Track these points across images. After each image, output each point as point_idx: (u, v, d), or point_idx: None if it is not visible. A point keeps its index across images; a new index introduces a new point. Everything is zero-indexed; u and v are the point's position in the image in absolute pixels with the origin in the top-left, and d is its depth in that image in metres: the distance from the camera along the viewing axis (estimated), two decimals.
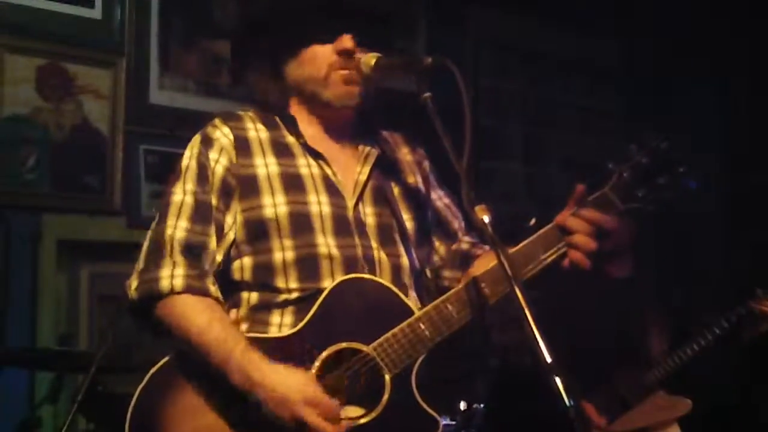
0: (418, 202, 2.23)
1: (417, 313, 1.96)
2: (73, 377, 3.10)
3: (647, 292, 3.98)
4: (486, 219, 1.70)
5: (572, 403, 1.51)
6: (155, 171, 3.76)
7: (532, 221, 4.74)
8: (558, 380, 1.53)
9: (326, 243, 2.01)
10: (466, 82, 1.81)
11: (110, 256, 3.60)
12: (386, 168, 2.21)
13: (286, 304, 1.99)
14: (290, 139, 2.12)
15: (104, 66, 3.67)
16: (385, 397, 1.91)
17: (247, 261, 2.03)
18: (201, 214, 2.00)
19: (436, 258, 2.28)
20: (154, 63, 3.81)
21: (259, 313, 2.01)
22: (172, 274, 1.93)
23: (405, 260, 2.12)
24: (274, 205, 2.01)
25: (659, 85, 5.24)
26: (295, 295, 1.99)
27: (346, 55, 2.04)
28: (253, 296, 2.03)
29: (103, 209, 3.66)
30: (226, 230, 2.02)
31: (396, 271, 2.08)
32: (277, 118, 2.15)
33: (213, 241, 2.00)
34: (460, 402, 3.00)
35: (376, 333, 1.93)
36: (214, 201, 2.02)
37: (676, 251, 4.86)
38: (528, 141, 5.23)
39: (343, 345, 1.92)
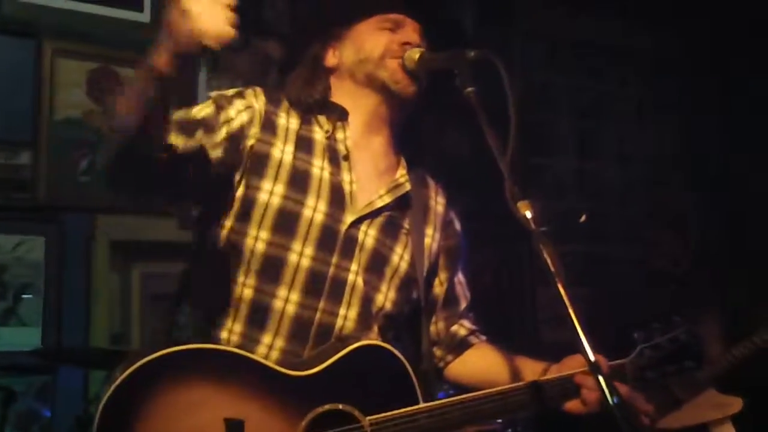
0: (425, 255, 2.16)
1: (422, 405, 1.90)
2: None
3: (702, 291, 3.91)
4: (528, 215, 1.68)
5: (616, 401, 1.49)
6: None
7: (583, 217, 4.68)
8: (601, 379, 1.52)
9: (301, 251, 1.95)
10: (512, 75, 1.79)
11: (162, 256, 3.64)
12: (412, 208, 2.15)
13: (238, 305, 1.93)
14: (318, 135, 2.07)
15: None
16: None
17: (223, 234, 1.98)
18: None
19: (432, 329, 2.23)
20: (203, 64, 3.83)
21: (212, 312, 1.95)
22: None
23: (381, 297, 2.06)
24: (270, 193, 1.97)
25: (721, 78, 5.12)
26: (248, 293, 1.93)
27: (406, 44, 2.07)
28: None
29: (155, 210, 3.69)
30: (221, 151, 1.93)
31: (366, 303, 2.02)
32: (317, 116, 2.10)
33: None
34: None
35: (376, 406, 1.86)
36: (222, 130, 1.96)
37: (732, 250, 4.77)
38: (581, 136, 5.17)
39: (340, 407, 1.85)
